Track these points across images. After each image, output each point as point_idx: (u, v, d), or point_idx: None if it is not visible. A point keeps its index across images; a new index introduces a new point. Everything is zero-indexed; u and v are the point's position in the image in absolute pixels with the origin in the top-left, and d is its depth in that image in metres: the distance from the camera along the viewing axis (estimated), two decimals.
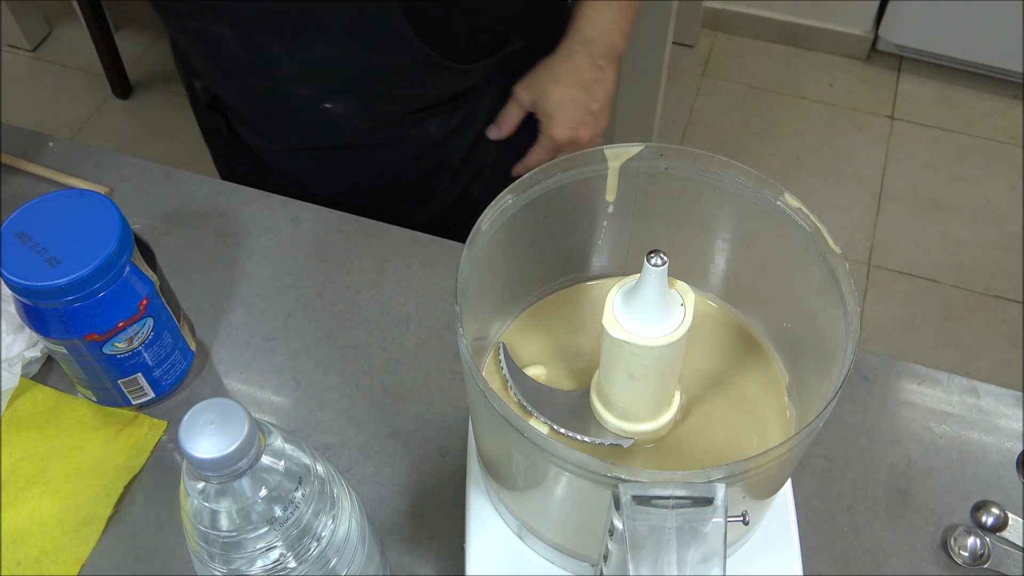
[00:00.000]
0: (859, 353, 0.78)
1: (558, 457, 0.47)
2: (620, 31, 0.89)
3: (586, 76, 0.90)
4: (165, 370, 0.74)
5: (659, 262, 0.47)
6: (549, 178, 0.56)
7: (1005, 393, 0.77)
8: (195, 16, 0.84)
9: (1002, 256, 1.99)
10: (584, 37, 0.89)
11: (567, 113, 0.91)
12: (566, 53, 0.90)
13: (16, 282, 0.64)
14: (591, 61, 0.89)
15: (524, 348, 0.62)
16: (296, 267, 0.85)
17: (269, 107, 0.91)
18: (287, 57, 0.83)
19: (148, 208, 0.89)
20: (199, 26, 0.84)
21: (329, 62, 0.83)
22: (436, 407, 0.76)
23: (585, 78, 0.90)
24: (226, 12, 0.81)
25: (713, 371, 0.61)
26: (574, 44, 0.89)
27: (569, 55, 0.90)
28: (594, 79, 0.90)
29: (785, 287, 0.59)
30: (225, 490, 0.47)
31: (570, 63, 0.90)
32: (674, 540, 0.44)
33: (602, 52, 0.89)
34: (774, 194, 0.55)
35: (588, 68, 0.90)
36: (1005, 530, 0.69)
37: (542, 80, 0.91)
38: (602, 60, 0.90)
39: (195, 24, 0.84)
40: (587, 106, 0.91)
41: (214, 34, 0.83)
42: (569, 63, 0.90)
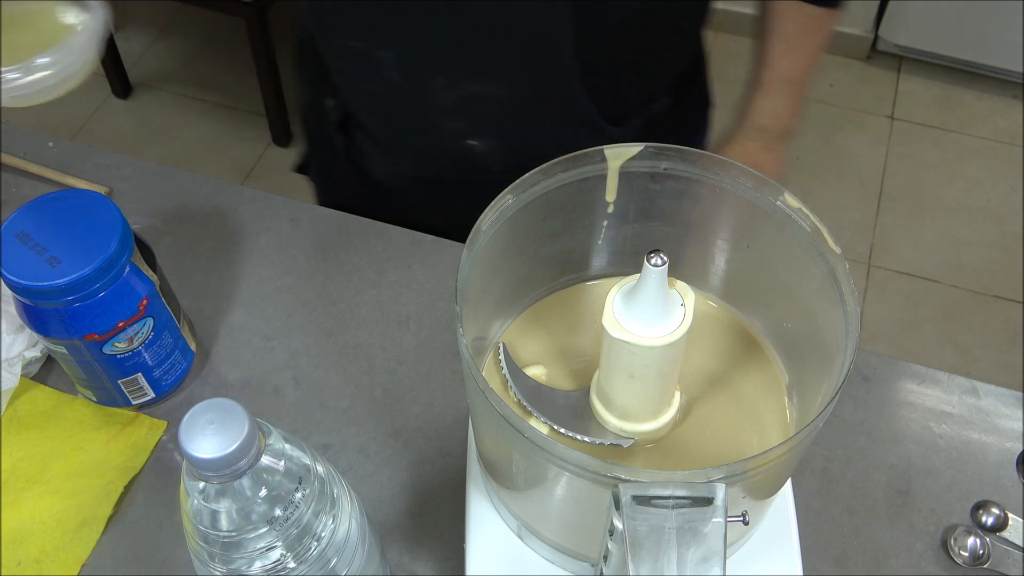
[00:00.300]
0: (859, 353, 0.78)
1: (558, 457, 0.47)
2: (793, 114, 0.90)
3: (758, 159, 0.91)
4: (165, 370, 0.74)
5: (659, 262, 0.47)
6: (549, 178, 0.56)
7: (1005, 393, 0.77)
8: (357, 36, 0.82)
9: (1002, 256, 1.99)
10: (757, 125, 0.89)
11: None
12: (739, 140, 0.91)
13: (16, 282, 0.64)
14: (764, 146, 0.90)
15: (524, 348, 0.62)
16: (296, 267, 0.85)
17: (411, 134, 0.90)
18: (446, 89, 0.82)
19: (148, 208, 0.89)
20: (359, 46, 0.83)
21: (486, 100, 0.82)
22: (436, 407, 0.76)
23: (757, 161, 0.91)
24: (393, 36, 0.80)
25: (713, 371, 0.61)
26: (748, 131, 0.90)
27: (743, 142, 0.90)
28: (767, 162, 0.91)
29: (785, 287, 0.59)
30: (225, 490, 0.47)
31: (743, 150, 0.90)
32: (674, 540, 0.44)
33: (775, 137, 0.90)
34: (774, 194, 0.55)
35: (760, 153, 0.90)
36: (1005, 530, 0.69)
37: None
38: (775, 143, 0.91)
39: (355, 44, 0.83)
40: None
41: (373, 56, 0.82)
42: (742, 150, 0.90)
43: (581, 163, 0.56)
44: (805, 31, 0.87)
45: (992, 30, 2.12)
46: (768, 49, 0.88)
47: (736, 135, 0.91)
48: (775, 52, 0.87)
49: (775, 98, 0.89)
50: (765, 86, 0.89)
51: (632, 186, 0.58)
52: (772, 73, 0.88)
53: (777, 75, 0.88)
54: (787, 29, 0.86)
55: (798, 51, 0.88)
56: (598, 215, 0.60)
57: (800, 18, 0.86)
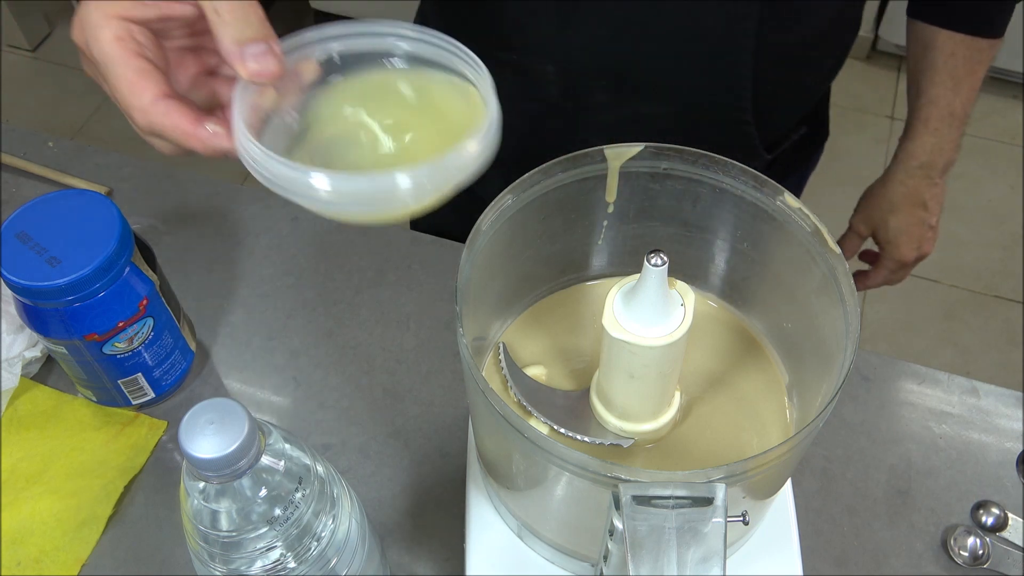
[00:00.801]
0: (859, 353, 0.78)
1: (558, 457, 0.47)
2: (955, 145, 0.88)
3: (924, 196, 0.90)
4: (165, 370, 0.74)
5: (659, 262, 0.47)
6: (549, 178, 0.56)
7: (1005, 393, 0.77)
8: (514, 48, 0.77)
9: (1002, 256, 1.99)
10: (921, 163, 0.88)
11: (910, 236, 0.93)
12: (901, 179, 0.90)
13: (16, 282, 0.64)
14: (929, 182, 0.89)
15: (524, 348, 0.62)
16: (296, 267, 0.85)
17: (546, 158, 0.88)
18: (605, 107, 0.79)
19: (148, 208, 0.89)
20: (516, 59, 0.78)
21: (648, 119, 0.79)
22: (436, 407, 0.76)
23: (923, 198, 0.90)
24: (560, 51, 0.76)
25: (713, 371, 0.61)
26: (910, 170, 0.89)
27: (905, 181, 0.90)
28: (931, 196, 0.91)
29: (785, 287, 0.59)
30: (225, 490, 0.47)
31: (906, 189, 0.90)
32: (674, 540, 0.44)
33: (939, 171, 0.89)
34: (774, 194, 0.55)
35: (926, 188, 0.90)
36: (1005, 530, 0.69)
37: (880, 209, 0.92)
38: (938, 177, 0.90)
39: (512, 56, 0.78)
40: (927, 223, 0.92)
41: (534, 69, 0.78)
42: (906, 189, 0.90)
43: (581, 163, 0.56)
44: (972, 64, 0.85)
45: None
46: (933, 86, 0.85)
47: (897, 173, 0.90)
48: (942, 89, 0.85)
49: (941, 135, 0.87)
50: (931, 124, 0.87)
51: (632, 186, 0.58)
52: (938, 110, 0.86)
53: (944, 112, 0.86)
54: (954, 64, 0.84)
55: (965, 86, 0.86)
56: (598, 215, 0.60)
57: (967, 52, 0.83)
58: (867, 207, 0.94)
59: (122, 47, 0.46)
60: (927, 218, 0.92)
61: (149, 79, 0.46)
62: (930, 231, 0.93)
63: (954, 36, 0.83)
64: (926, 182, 0.89)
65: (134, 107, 0.47)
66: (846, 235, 0.98)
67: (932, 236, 0.94)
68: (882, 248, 0.96)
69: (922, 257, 0.95)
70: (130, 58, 0.46)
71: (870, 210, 0.94)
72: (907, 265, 0.96)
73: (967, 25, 0.82)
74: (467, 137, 0.45)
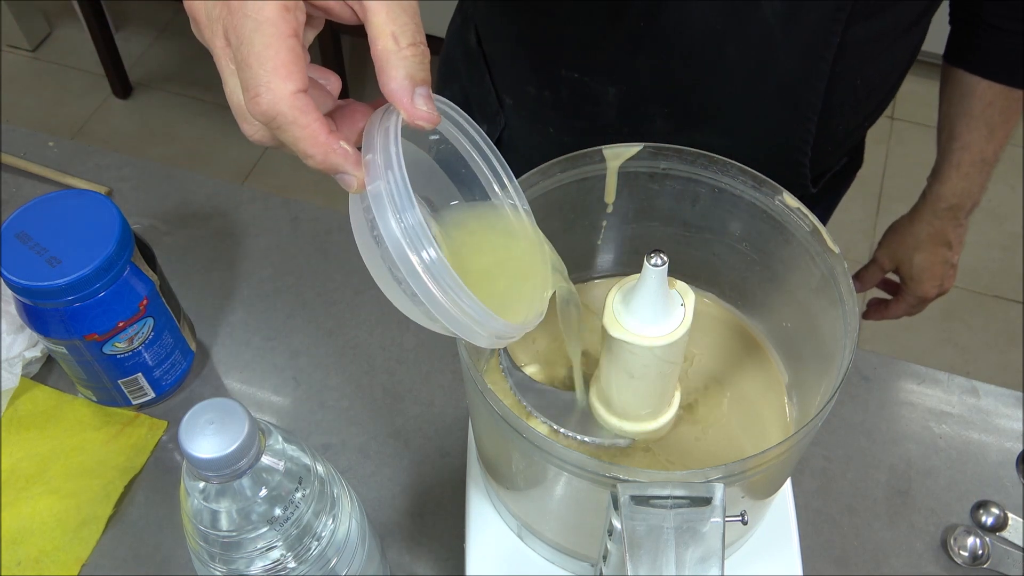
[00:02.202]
0: (859, 353, 0.78)
1: (557, 457, 0.47)
2: (983, 188, 0.89)
3: (950, 236, 0.91)
4: (165, 370, 0.74)
5: (659, 262, 0.47)
6: (549, 178, 0.56)
7: (1005, 393, 0.77)
8: (577, 67, 0.76)
9: (1002, 256, 1.99)
10: (950, 205, 0.89)
11: (933, 274, 0.94)
12: (929, 220, 0.90)
13: (16, 282, 0.64)
14: (955, 223, 0.90)
15: (524, 348, 0.62)
16: (296, 267, 0.85)
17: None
18: (663, 134, 0.76)
19: (148, 208, 0.89)
20: (578, 77, 0.76)
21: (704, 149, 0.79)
22: (436, 407, 0.76)
23: (949, 238, 0.91)
24: (622, 74, 0.74)
25: (713, 371, 0.61)
26: (938, 212, 0.89)
27: (932, 222, 0.90)
28: (956, 237, 0.91)
29: (784, 287, 0.59)
30: (225, 490, 0.47)
31: (933, 228, 0.90)
32: (672, 540, 0.44)
33: (966, 212, 0.90)
34: (773, 194, 0.55)
35: (951, 229, 0.90)
36: (1005, 530, 0.69)
37: (905, 246, 0.93)
38: (964, 218, 0.90)
39: (574, 75, 0.76)
40: (950, 261, 0.93)
41: (594, 90, 0.76)
42: (932, 229, 0.90)
43: (580, 163, 0.56)
44: (1008, 114, 0.85)
45: None
46: (969, 132, 0.85)
47: (925, 214, 0.91)
48: (977, 136, 0.85)
49: (971, 179, 0.88)
50: (963, 168, 0.87)
51: (632, 186, 0.58)
52: (971, 156, 0.86)
53: (977, 158, 0.86)
54: (991, 113, 0.84)
55: (999, 133, 0.86)
56: (598, 215, 0.60)
57: (1005, 102, 0.83)
58: (892, 243, 0.96)
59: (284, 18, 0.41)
60: (950, 257, 0.93)
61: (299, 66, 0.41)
62: (952, 269, 0.94)
63: (994, 86, 0.82)
64: (952, 223, 0.90)
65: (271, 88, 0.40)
66: (869, 267, 1.00)
67: (953, 274, 0.95)
68: (905, 283, 0.97)
69: (943, 293, 0.97)
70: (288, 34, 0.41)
71: (895, 246, 0.95)
72: (927, 300, 0.98)
73: (1008, 76, 0.82)
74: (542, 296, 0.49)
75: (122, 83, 2.24)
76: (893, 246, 0.95)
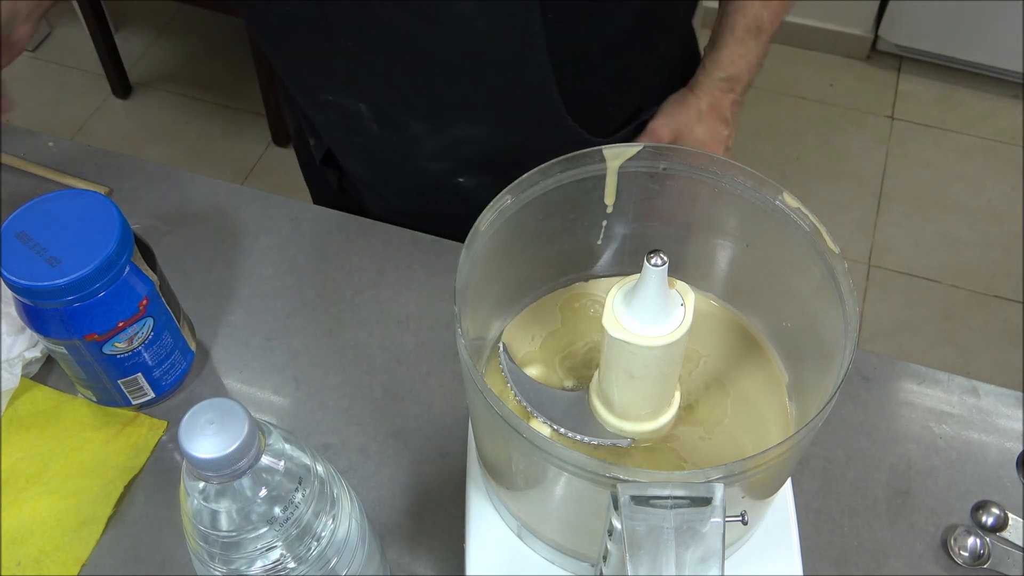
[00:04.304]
0: (859, 353, 0.78)
1: (557, 457, 0.47)
2: (757, 63, 0.88)
3: (727, 113, 0.89)
4: (165, 370, 0.74)
5: (659, 262, 0.47)
6: (548, 178, 0.56)
7: (1005, 393, 0.77)
8: (330, 90, 0.82)
9: (1002, 256, 1.99)
10: (728, 75, 0.87)
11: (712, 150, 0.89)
12: (707, 89, 0.88)
13: (16, 282, 0.64)
14: (733, 97, 0.88)
15: (524, 348, 0.62)
16: (296, 267, 0.85)
17: (398, 178, 0.90)
18: (426, 136, 0.82)
19: (148, 208, 0.89)
20: (333, 99, 0.82)
21: (469, 141, 0.82)
22: (436, 407, 0.76)
23: (727, 114, 0.89)
24: (364, 90, 0.80)
25: (713, 371, 0.61)
26: (716, 81, 0.87)
27: (711, 91, 0.87)
28: (732, 114, 0.89)
29: (785, 287, 0.59)
30: (225, 490, 0.47)
31: (712, 99, 0.87)
32: (672, 540, 0.44)
33: (743, 88, 0.88)
34: (773, 194, 0.55)
35: (729, 104, 0.88)
36: (1005, 530, 0.69)
37: (686, 117, 0.89)
38: (739, 94, 0.89)
39: (328, 97, 0.83)
40: (726, 142, 0.90)
41: (349, 109, 0.82)
42: (711, 99, 0.87)
43: (580, 163, 0.56)
44: None
45: (992, 30, 2.12)
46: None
47: (704, 84, 0.87)
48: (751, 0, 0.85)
49: (747, 46, 0.86)
50: (738, 33, 0.85)
51: (631, 186, 0.58)
52: (747, 21, 0.85)
53: (753, 24, 0.85)
54: None
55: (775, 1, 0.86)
56: (597, 215, 0.60)
57: None
58: (673, 112, 0.89)
59: None
60: (726, 137, 0.90)
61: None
62: (727, 153, 0.90)
63: None
64: (731, 97, 0.87)
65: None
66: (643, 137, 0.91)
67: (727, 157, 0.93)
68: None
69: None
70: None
71: (676, 114, 0.88)
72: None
73: None
74: None
75: (122, 83, 2.24)
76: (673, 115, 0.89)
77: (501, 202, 0.54)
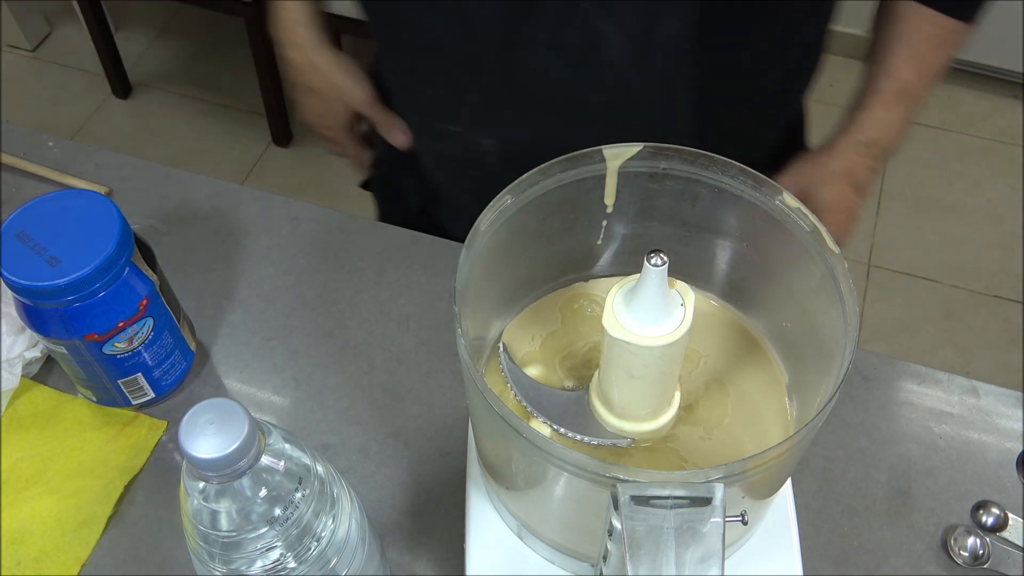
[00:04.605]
0: (859, 353, 0.78)
1: (556, 457, 0.47)
2: (902, 129, 0.82)
3: (861, 178, 0.83)
4: (165, 370, 0.74)
5: (659, 262, 0.47)
6: (548, 178, 0.56)
7: (1005, 393, 0.77)
8: (457, 122, 0.79)
9: (1002, 256, 1.99)
10: (868, 138, 0.81)
11: (837, 217, 0.84)
12: (843, 151, 0.82)
13: (16, 282, 0.64)
14: (869, 163, 0.82)
15: (524, 348, 0.62)
16: (296, 267, 0.85)
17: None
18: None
19: (148, 208, 0.89)
20: (457, 131, 0.80)
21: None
22: (436, 407, 0.76)
23: (860, 180, 0.83)
24: (497, 126, 0.77)
25: (713, 371, 0.61)
26: (855, 144, 0.82)
27: (848, 154, 0.82)
28: (867, 181, 0.83)
29: (784, 287, 0.59)
30: (225, 490, 0.47)
31: (848, 163, 0.82)
32: (672, 540, 0.44)
33: (882, 153, 0.82)
34: (773, 194, 0.55)
35: (865, 171, 0.82)
36: (1005, 530, 0.69)
37: (816, 176, 0.83)
38: (879, 161, 0.83)
39: (452, 128, 0.80)
40: (855, 210, 0.85)
41: (473, 142, 0.79)
42: (846, 163, 0.82)
43: (580, 163, 0.56)
44: (936, 43, 0.79)
45: (992, 30, 2.12)
46: (891, 57, 0.80)
47: (841, 145, 0.82)
48: (899, 62, 0.80)
49: (892, 110, 0.81)
50: (883, 96, 0.80)
51: (631, 186, 0.58)
52: (893, 84, 0.80)
53: (898, 86, 0.80)
54: (918, 39, 0.79)
55: (924, 64, 0.80)
56: (597, 215, 0.60)
57: (934, 30, 0.78)
58: (803, 170, 0.85)
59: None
60: (856, 205, 0.84)
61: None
62: (853, 223, 0.85)
63: (923, 11, 0.78)
64: (866, 162, 0.82)
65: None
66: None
67: (853, 230, 0.86)
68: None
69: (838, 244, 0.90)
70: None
71: (806, 172, 0.84)
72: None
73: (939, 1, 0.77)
74: None
75: (122, 83, 2.24)
76: (803, 173, 0.84)
77: (501, 202, 0.54)
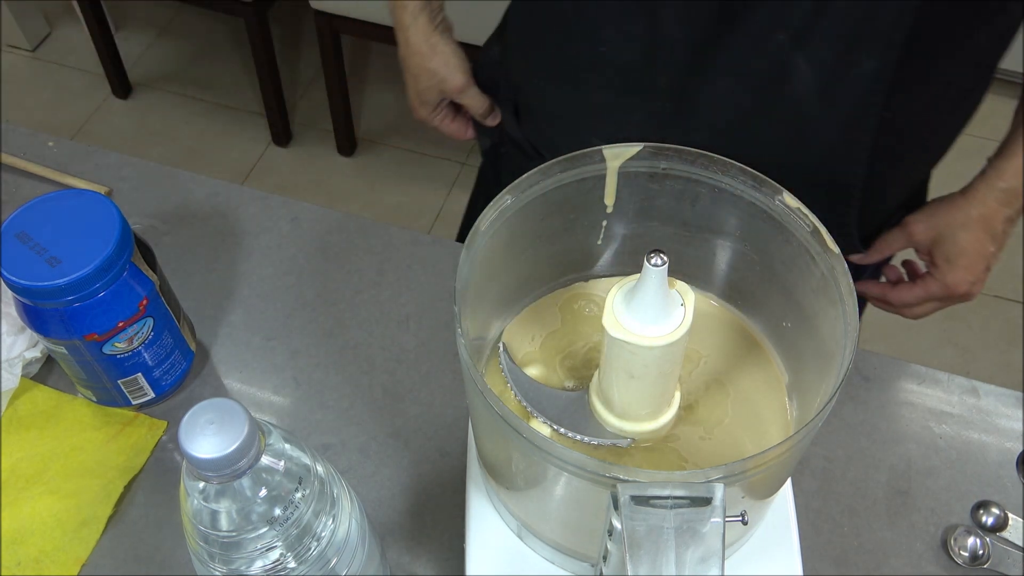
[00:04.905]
0: (859, 353, 0.78)
1: (556, 457, 0.47)
2: None
3: (999, 227, 0.81)
4: (165, 370, 0.74)
5: (659, 262, 0.47)
6: (548, 178, 0.56)
7: (1005, 393, 0.77)
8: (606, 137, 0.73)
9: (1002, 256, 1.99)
10: (1009, 187, 0.79)
11: (971, 264, 0.83)
12: (982, 197, 0.80)
13: (16, 282, 0.64)
14: (1009, 213, 0.81)
15: (524, 348, 0.62)
16: (296, 267, 0.85)
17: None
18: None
19: (148, 208, 0.89)
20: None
21: None
22: (436, 407, 0.76)
23: (997, 229, 0.81)
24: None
25: (713, 371, 0.61)
26: (995, 191, 0.80)
27: (987, 200, 0.80)
28: (1005, 232, 0.82)
29: (784, 287, 0.59)
30: (225, 490, 0.47)
31: (986, 210, 0.80)
32: (672, 540, 0.44)
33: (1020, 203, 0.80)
34: (773, 194, 0.55)
35: (1003, 220, 0.81)
36: (1005, 530, 0.69)
37: (951, 221, 0.82)
38: (1018, 213, 0.81)
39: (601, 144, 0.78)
40: (989, 261, 0.83)
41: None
42: (985, 210, 0.80)
43: (580, 163, 0.56)
44: None
45: None
46: None
47: (981, 192, 0.81)
48: None
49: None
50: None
51: (632, 186, 0.58)
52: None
53: None
54: None
55: None
56: (597, 215, 0.60)
57: None
58: (937, 212, 0.83)
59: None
60: (991, 256, 0.83)
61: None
62: (986, 273, 0.84)
63: None
64: (1005, 211, 0.81)
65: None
66: (894, 232, 0.85)
67: (984, 279, 0.85)
68: (936, 266, 0.85)
69: (967, 296, 0.85)
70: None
71: (940, 215, 0.82)
72: (950, 297, 0.86)
73: None
74: None
75: (122, 83, 2.24)
76: (937, 215, 0.82)
77: (501, 202, 0.54)
